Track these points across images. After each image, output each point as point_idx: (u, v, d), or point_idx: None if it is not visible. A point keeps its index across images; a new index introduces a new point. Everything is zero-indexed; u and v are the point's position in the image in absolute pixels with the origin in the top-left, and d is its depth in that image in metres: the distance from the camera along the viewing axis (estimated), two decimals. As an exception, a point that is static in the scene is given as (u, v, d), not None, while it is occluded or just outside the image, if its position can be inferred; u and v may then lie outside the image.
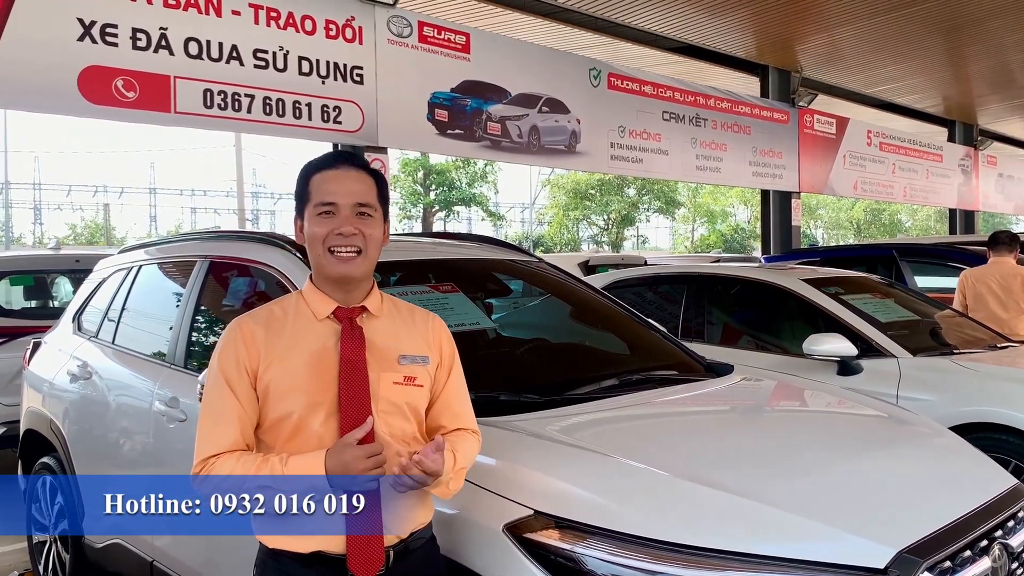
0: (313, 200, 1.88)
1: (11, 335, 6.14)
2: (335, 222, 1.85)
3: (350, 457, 1.73)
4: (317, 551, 1.81)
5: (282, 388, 1.83)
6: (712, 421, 2.93)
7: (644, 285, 6.08)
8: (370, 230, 1.88)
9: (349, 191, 1.87)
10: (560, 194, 36.59)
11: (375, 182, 1.93)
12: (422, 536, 1.93)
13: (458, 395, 2.02)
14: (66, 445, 3.90)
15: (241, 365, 1.84)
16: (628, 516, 1.98)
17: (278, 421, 1.83)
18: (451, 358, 2.02)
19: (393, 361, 1.90)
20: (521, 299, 4.44)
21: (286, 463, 1.75)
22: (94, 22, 5.65)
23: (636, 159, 9.79)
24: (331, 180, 1.88)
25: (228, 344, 1.87)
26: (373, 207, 1.90)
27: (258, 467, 1.76)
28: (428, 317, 2.03)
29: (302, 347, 1.86)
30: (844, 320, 4.77)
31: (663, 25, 10.11)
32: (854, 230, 45.46)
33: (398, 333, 1.94)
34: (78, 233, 35.33)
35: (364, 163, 1.97)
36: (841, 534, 2.02)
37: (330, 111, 6.88)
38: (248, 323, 1.89)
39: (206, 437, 1.82)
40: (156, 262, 4.01)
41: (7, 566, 4.60)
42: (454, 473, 1.87)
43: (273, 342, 1.86)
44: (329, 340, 1.87)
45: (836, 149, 12.95)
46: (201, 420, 1.85)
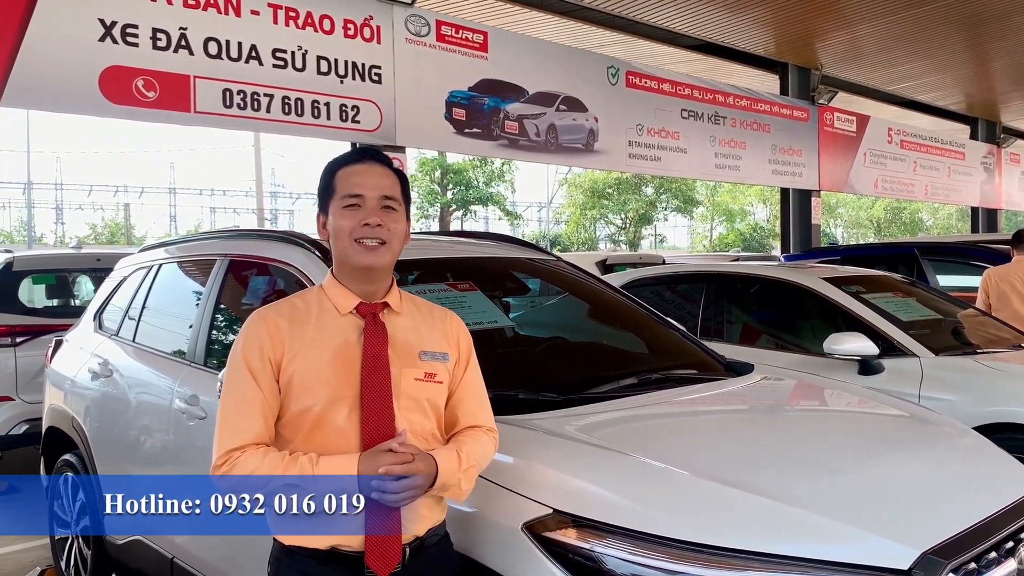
0: (339, 193, 1.89)
1: (33, 333, 6.19)
2: (361, 214, 1.87)
3: (383, 463, 1.74)
4: (333, 547, 1.81)
5: (306, 381, 1.83)
6: (732, 420, 2.90)
7: (662, 284, 6.05)
8: (394, 224, 1.90)
9: (375, 184, 1.89)
10: (577, 193, 36.53)
11: (399, 179, 1.96)
12: (437, 533, 1.93)
13: (474, 392, 2.02)
14: (87, 442, 3.93)
15: (265, 356, 1.83)
16: (648, 515, 1.96)
17: (299, 414, 1.83)
18: (468, 355, 2.03)
19: (414, 357, 1.90)
20: (538, 298, 4.43)
21: (316, 463, 1.75)
22: (115, 22, 5.70)
23: (654, 157, 9.76)
24: (357, 174, 1.90)
25: (252, 335, 1.86)
26: (397, 201, 1.92)
27: (286, 466, 1.74)
28: (446, 314, 2.04)
29: (326, 341, 1.86)
30: (865, 319, 4.73)
31: (681, 23, 10.07)
32: (874, 229, 45.12)
33: (418, 329, 1.95)
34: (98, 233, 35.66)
35: (388, 160, 1.99)
36: (864, 534, 1.99)
37: (348, 110, 6.90)
38: (272, 315, 1.88)
39: (229, 428, 1.80)
40: (176, 261, 4.03)
41: (29, 562, 4.65)
42: (463, 474, 1.86)
43: (297, 335, 1.86)
44: (352, 335, 1.88)
45: (856, 147, 12.85)
46: (223, 411, 1.83)
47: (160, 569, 3.42)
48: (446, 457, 1.83)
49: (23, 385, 6.11)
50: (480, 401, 2.02)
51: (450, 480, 1.83)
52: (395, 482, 1.73)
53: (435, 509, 1.92)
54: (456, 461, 1.85)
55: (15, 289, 6.47)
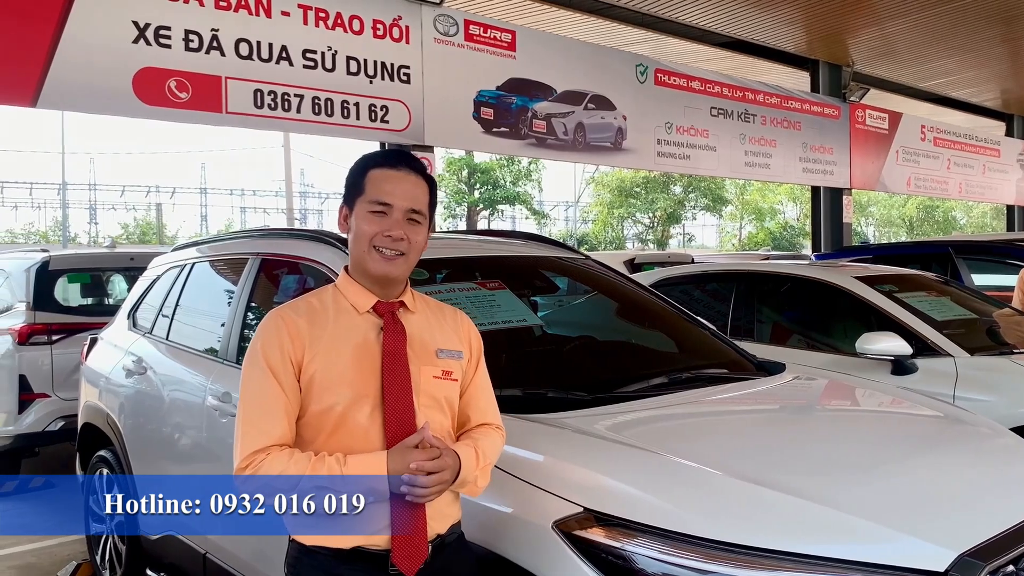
0: (368, 196, 1.88)
1: (69, 331, 6.28)
2: (386, 223, 1.85)
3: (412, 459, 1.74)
4: (357, 547, 1.80)
5: (328, 380, 1.82)
6: (764, 420, 2.88)
7: (691, 283, 6.02)
8: (416, 236, 1.89)
9: (405, 194, 1.88)
10: (605, 192, 36.45)
11: (429, 188, 1.94)
12: (455, 531, 1.94)
13: (484, 390, 2.02)
14: (122, 439, 3.99)
15: (286, 355, 1.82)
16: (680, 515, 1.96)
17: (321, 413, 1.82)
18: (479, 354, 2.03)
19: (432, 355, 1.91)
20: (566, 297, 4.42)
21: (344, 463, 1.74)
22: (148, 24, 5.76)
23: (683, 156, 9.70)
24: (390, 180, 1.88)
25: (271, 334, 1.84)
26: (423, 214, 1.91)
27: (314, 467, 1.73)
28: (457, 313, 2.05)
29: (345, 340, 1.85)
30: (898, 318, 4.67)
31: (711, 20, 10.00)
32: (907, 228, 44.54)
33: (433, 328, 1.95)
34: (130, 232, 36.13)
35: (422, 167, 1.96)
36: (899, 535, 1.97)
37: (377, 110, 6.94)
38: (290, 314, 1.87)
39: (253, 429, 1.77)
40: (208, 260, 4.07)
41: (65, 556, 4.72)
42: (480, 470, 1.87)
43: (317, 334, 1.84)
44: (371, 333, 1.87)
45: (889, 145, 12.69)
46: (244, 411, 1.81)
47: (193, 565, 3.46)
48: (466, 454, 1.84)
49: (59, 382, 6.21)
50: (490, 399, 2.03)
51: (469, 476, 1.84)
52: (426, 477, 1.73)
53: (454, 506, 1.93)
54: (474, 458, 1.85)
55: (51, 288, 6.57)
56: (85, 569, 4.38)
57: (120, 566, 4.03)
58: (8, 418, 6.15)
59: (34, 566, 4.67)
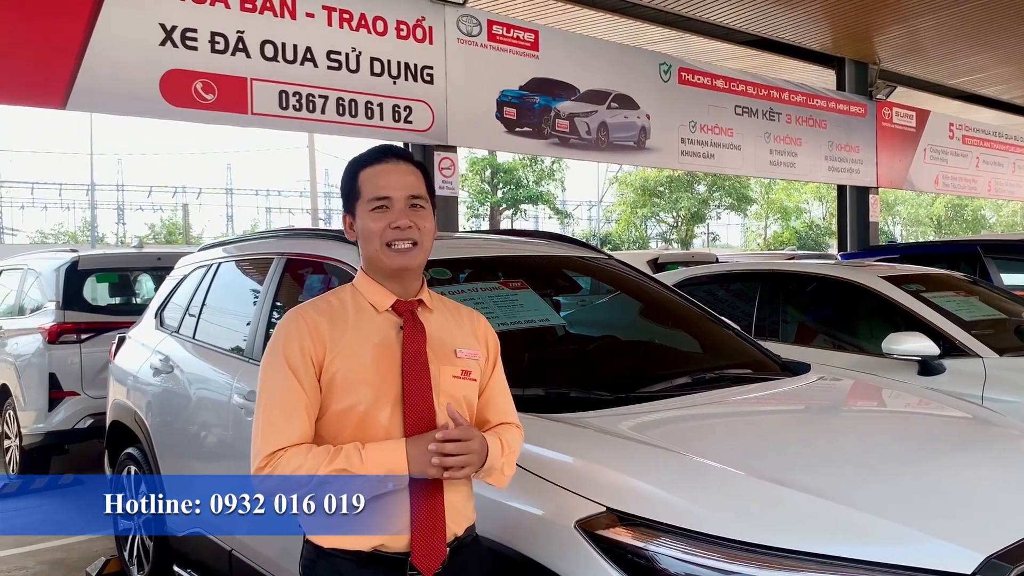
0: (365, 196, 1.87)
1: (97, 330, 6.36)
2: (390, 216, 1.85)
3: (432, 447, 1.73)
4: (376, 549, 1.79)
5: (349, 380, 1.81)
6: (789, 420, 2.87)
7: (716, 283, 5.98)
8: (423, 222, 1.88)
9: (401, 184, 1.87)
10: (628, 191, 36.33)
11: (422, 173, 1.93)
12: (471, 533, 1.92)
13: (502, 390, 2.01)
14: (149, 436, 4.03)
15: (307, 354, 1.80)
16: (703, 515, 1.95)
17: (342, 413, 1.80)
18: (496, 354, 2.01)
19: (451, 354, 1.89)
20: (588, 296, 4.42)
21: (363, 448, 1.74)
22: (175, 26, 5.83)
23: (707, 154, 9.66)
24: (382, 174, 1.87)
25: (291, 333, 1.83)
26: (424, 198, 1.90)
27: (332, 457, 1.73)
28: (473, 313, 2.03)
29: (365, 339, 1.84)
30: (925, 318, 4.62)
31: (735, 18, 9.95)
32: (934, 227, 44.02)
33: (451, 327, 1.94)
34: (157, 232, 36.51)
35: (408, 155, 1.96)
36: (925, 537, 1.95)
37: (401, 111, 6.97)
38: (310, 313, 1.86)
39: (273, 428, 1.76)
40: (234, 259, 4.11)
41: (94, 552, 4.78)
42: (505, 459, 1.86)
43: (337, 333, 1.83)
44: (391, 332, 1.86)
45: (916, 143, 12.56)
46: (264, 411, 1.79)
47: (219, 561, 3.49)
48: (491, 442, 1.83)
49: (88, 381, 6.29)
50: (508, 399, 2.01)
51: (496, 463, 1.82)
52: (454, 444, 1.72)
53: (469, 507, 1.91)
54: (499, 446, 1.84)
55: (80, 287, 6.66)
56: (113, 565, 4.43)
57: (148, 562, 4.08)
58: (38, 416, 6.25)
59: (63, 561, 4.74)
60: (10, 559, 4.80)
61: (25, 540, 5.12)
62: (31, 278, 7.01)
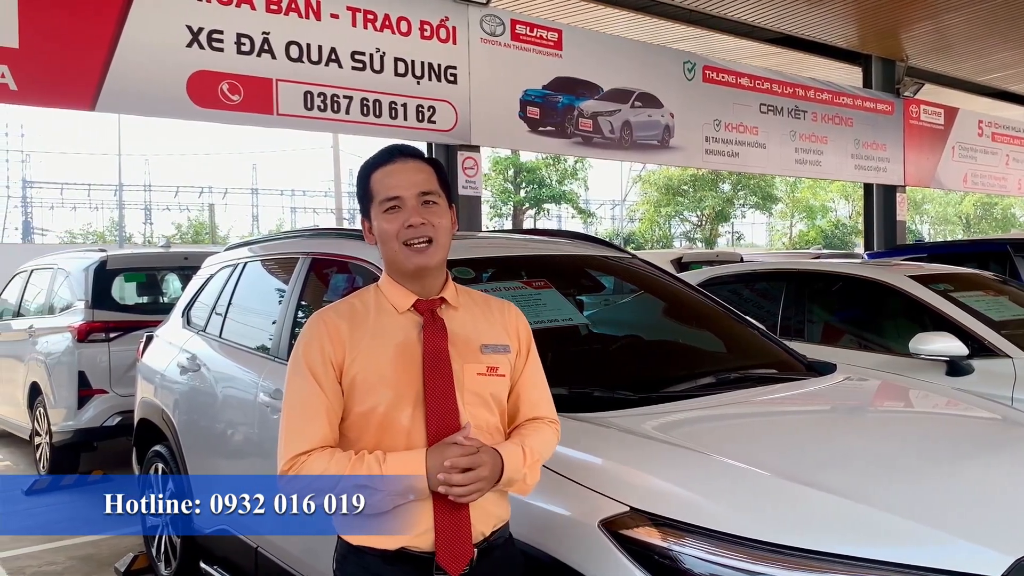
0: (377, 197, 1.87)
1: (125, 329, 6.44)
2: (403, 215, 1.84)
3: (451, 455, 1.72)
4: (402, 548, 1.80)
5: (369, 381, 1.81)
6: (814, 420, 2.84)
7: (740, 282, 5.94)
8: (437, 219, 1.87)
9: (411, 182, 1.86)
10: (651, 190, 36.15)
11: (434, 170, 1.92)
12: (503, 535, 1.91)
13: (535, 383, 1.98)
14: (176, 434, 4.08)
15: (327, 359, 1.82)
16: (727, 515, 1.94)
17: (364, 414, 1.82)
18: (528, 346, 1.99)
19: (476, 351, 1.88)
20: (612, 296, 4.40)
21: (384, 461, 1.74)
22: (201, 28, 5.89)
23: (732, 153, 9.61)
24: (391, 174, 1.88)
25: (312, 338, 1.85)
26: (437, 194, 1.89)
27: (353, 466, 1.74)
28: (504, 305, 2.01)
29: (386, 340, 1.85)
30: (954, 318, 4.56)
31: (760, 16, 9.88)
32: (963, 226, 43.46)
33: (477, 323, 1.93)
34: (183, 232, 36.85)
35: (419, 153, 1.95)
36: (953, 539, 1.93)
37: (425, 111, 6.99)
38: (331, 317, 1.87)
39: (294, 433, 1.79)
40: (260, 259, 4.15)
41: (123, 549, 4.84)
42: (528, 468, 1.84)
43: (357, 335, 1.84)
44: (412, 332, 1.86)
45: (944, 141, 12.42)
46: (286, 416, 1.83)
47: (245, 558, 3.52)
48: (511, 452, 1.81)
49: (116, 379, 6.37)
50: (541, 392, 1.99)
51: (515, 475, 1.81)
52: (462, 474, 1.72)
53: (500, 505, 1.90)
54: (521, 455, 1.82)
55: (109, 287, 6.74)
56: (141, 560, 4.48)
57: (175, 559, 4.12)
58: (68, 413, 6.33)
59: (93, 557, 4.80)
60: (41, 554, 4.87)
61: (55, 536, 5.19)
62: (61, 277, 7.11)
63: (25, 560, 4.78)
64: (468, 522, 1.80)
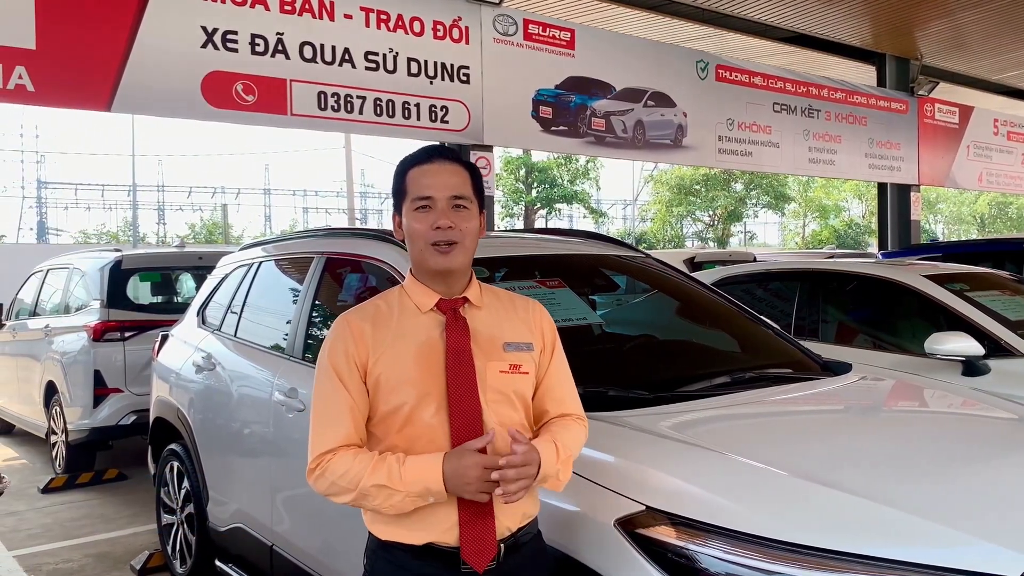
0: (410, 195, 1.89)
1: (140, 328, 6.48)
2: (432, 216, 1.86)
3: (469, 463, 1.74)
4: (429, 543, 1.83)
5: (392, 381, 1.84)
6: (830, 420, 2.83)
7: (754, 282, 5.93)
8: (466, 223, 1.89)
9: (444, 184, 1.88)
10: (663, 190, 36.08)
11: (470, 174, 1.94)
12: (530, 531, 1.93)
13: (561, 380, 2.00)
14: (191, 432, 4.10)
15: (351, 360, 1.86)
16: (744, 514, 1.93)
17: (389, 414, 1.85)
18: (553, 343, 2.01)
19: (498, 349, 1.90)
20: (624, 296, 4.40)
21: (403, 464, 1.77)
22: (216, 29, 5.92)
23: (745, 152, 9.58)
24: (427, 174, 1.89)
25: (337, 340, 1.89)
26: (468, 199, 1.91)
27: (374, 467, 1.77)
28: (528, 303, 2.03)
29: (409, 340, 1.87)
30: (970, 318, 4.54)
31: (773, 14, 9.85)
32: (977, 225, 43.17)
33: (501, 322, 1.95)
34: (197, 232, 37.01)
35: (458, 156, 1.97)
36: (971, 539, 1.91)
37: (437, 111, 7.00)
38: (355, 319, 1.91)
39: (321, 433, 1.84)
40: (274, 259, 4.16)
41: (139, 546, 4.88)
42: (561, 464, 1.86)
43: (381, 336, 1.87)
44: (434, 331, 1.88)
45: (959, 139, 12.34)
46: (314, 416, 1.88)
47: (260, 556, 3.54)
48: (545, 448, 1.83)
49: (131, 378, 6.41)
50: (568, 389, 2.01)
51: (550, 471, 1.83)
52: (515, 470, 1.73)
53: (528, 501, 1.91)
54: (554, 452, 1.84)
55: (124, 286, 6.78)
56: (157, 559, 4.51)
57: (190, 556, 4.15)
58: (84, 412, 6.38)
59: (109, 554, 4.83)
60: (58, 552, 4.91)
61: (72, 533, 5.23)
62: (76, 277, 7.16)
63: (42, 557, 4.82)
64: (492, 518, 1.83)
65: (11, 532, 5.28)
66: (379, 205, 44.47)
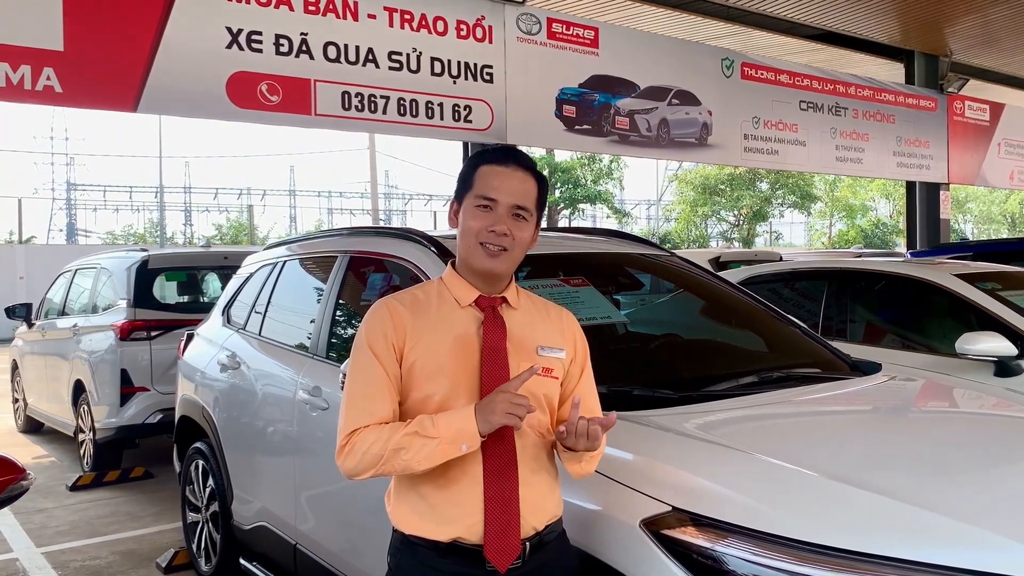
0: (475, 191, 1.90)
1: (166, 328, 6.53)
2: (490, 218, 1.87)
3: (500, 399, 1.75)
4: (454, 540, 1.82)
5: (427, 369, 1.85)
6: (860, 420, 2.79)
7: (780, 281, 5.87)
8: (520, 233, 1.90)
9: (511, 190, 1.89)
10: (688, 189, 35.87)
11: (537, 185, 1.94)
12: (555, 530, 1.93)
13: (591, 392, 2.03)
14: (216, 431, 4.12)
15: (389, 341, 1.86)
16: (771, 515, 1.90)
17: (420, 401, 1.86)
18: (584, 354, 2.04)
19: (532, 352, 1.91)
20: (649, 295, 4.36)
21: (435, 417, 1.79)
22: (241, 29, 5.94)
23: (771, 151, 9.49)
24: (497, 176, 1.89)
25: (376, 321, 1.90)
26: (529, 211, 1.91)
27: (406, 424, 1.79)
28: (562, 312, 2.05)
29: (446, 331, 1.88)
30: (1002, 317, 4.46)
31: (799, 12, 9.75)
32: (1008, 224, 42.55)
33: (535, 325, 1.96)
34: (223, 233, 37.31)
35: (532, 164, 1.95)
36: (1007, 542, 1.87)
37: (461, 110, 6.99)
38: (395, 303, 1.92)
39: (355, 410, 1.83)
40: (298, 258, 4.17)
41: (164, 544, 4.91)
42: (590, 457, 1.90)
43: (419, 323, 1.89)
44: (471, 327, 1.90)
45: (990, 137, 12.15)
46: (348, 394, 1.86)
47: (284, 554, 3.54)
48: None
49: (157, 377, 6.46)
50: (595, 399, 2.04)
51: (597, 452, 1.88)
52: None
53: (551, 500, 1.92)
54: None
55: (150, 286, 6.84)
56: (182, 556, 4.54)
57: (215, 554, 4.16)
58: (110, 411, 6.44)
59: (135, 552, 4.87)
60: (84, 549, 4.96)
61: (99, 531, 5.28)
62: (104, 277, 7.23)
63: (69, 554, 4.86)
64: (517, 516, 1.83)
65: (40, 529, 5.33)
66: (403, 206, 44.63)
